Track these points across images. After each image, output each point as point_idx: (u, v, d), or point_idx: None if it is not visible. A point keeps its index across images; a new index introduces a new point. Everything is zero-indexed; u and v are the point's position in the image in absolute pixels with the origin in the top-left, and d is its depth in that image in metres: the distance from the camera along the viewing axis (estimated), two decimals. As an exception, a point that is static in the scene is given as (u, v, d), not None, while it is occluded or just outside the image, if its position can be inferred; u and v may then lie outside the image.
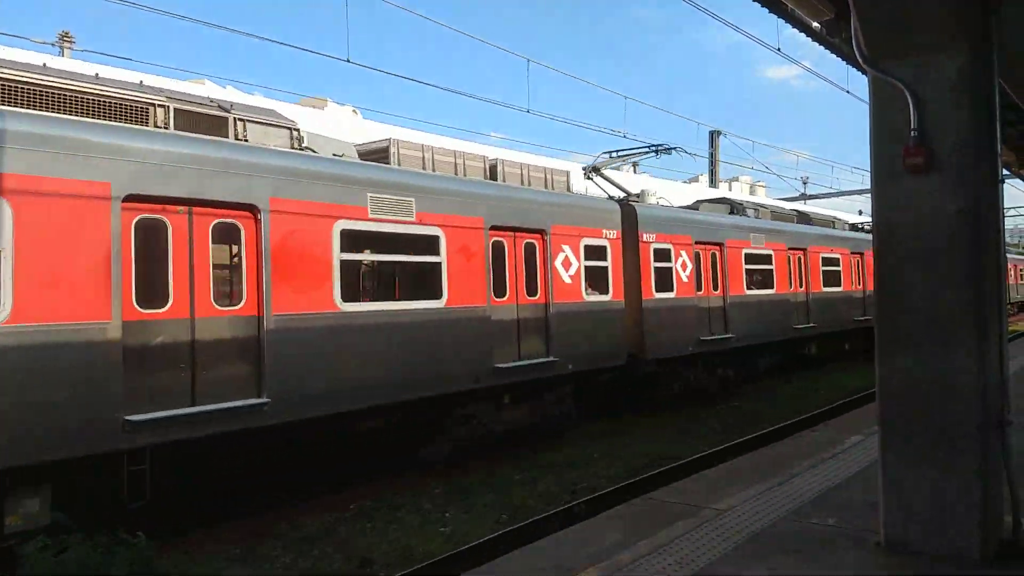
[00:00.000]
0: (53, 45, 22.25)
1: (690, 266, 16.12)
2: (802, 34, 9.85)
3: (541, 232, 12.62)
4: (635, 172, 37.58)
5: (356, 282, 10.30)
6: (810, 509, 6.77)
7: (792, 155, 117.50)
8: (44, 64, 9.89)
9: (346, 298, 9.50)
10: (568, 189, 14.56)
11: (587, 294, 13.46)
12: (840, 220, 26.63)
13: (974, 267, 5.30)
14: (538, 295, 12.55)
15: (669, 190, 26.49)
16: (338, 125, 24.21)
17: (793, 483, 7.70)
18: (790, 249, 20.10)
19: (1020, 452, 5.97)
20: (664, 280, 15.40)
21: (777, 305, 19.30)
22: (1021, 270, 45.59)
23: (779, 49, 15.38)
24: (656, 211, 16.12)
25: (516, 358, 11.98)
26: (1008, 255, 37.39)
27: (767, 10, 9.11)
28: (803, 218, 23.52)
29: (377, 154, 11.34)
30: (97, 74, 8.99)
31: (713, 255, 17.11)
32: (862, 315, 23.27)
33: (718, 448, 11.83)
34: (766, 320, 18.78)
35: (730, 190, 45.80)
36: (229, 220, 8.51)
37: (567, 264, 13.07)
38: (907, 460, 5.48)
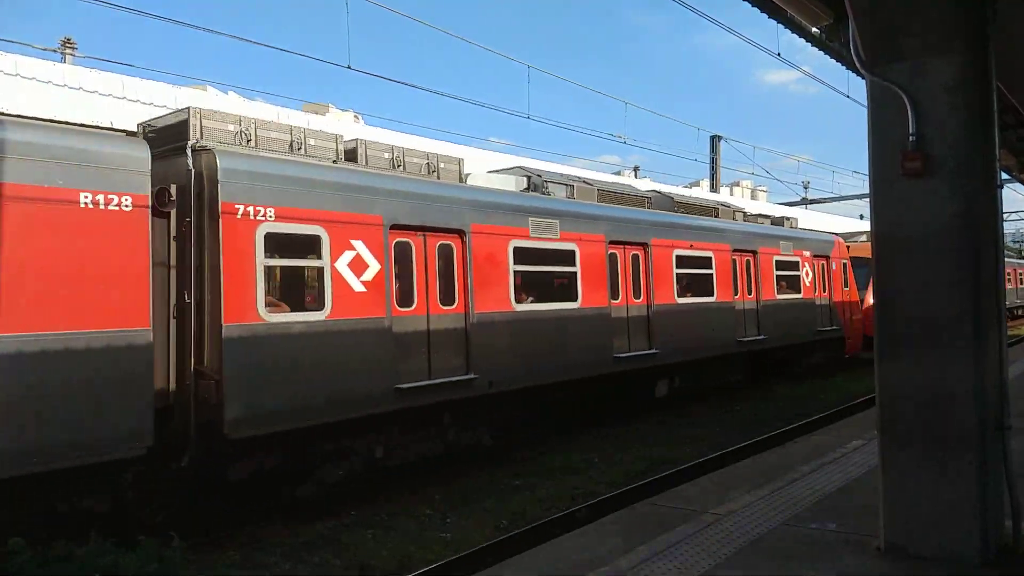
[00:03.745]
0: (55, 51, 22.32)
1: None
2: (801, 39, 9.88)
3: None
4: (636, 176, 37.61)
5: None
6: (810, 514, 6.77)
7: (793, 160, 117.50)
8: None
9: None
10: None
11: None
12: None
13: (972, 271, 5.30)
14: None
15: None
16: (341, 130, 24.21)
17: (793, 488, 7.70)
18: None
19: (1019, 456, 5.97)
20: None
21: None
22: (1021, 275, 45.54)
23: (779, 54, 15.42)
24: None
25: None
26: (1007, 260, 37.37)
27: (766, 15, 9.13)
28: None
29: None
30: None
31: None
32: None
33: (718, 453, 11.80)
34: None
35: (731, 195, 45.80)
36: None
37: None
38: (907, 465, 5.48)
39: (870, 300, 20.13)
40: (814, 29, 9.04)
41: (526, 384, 11.95)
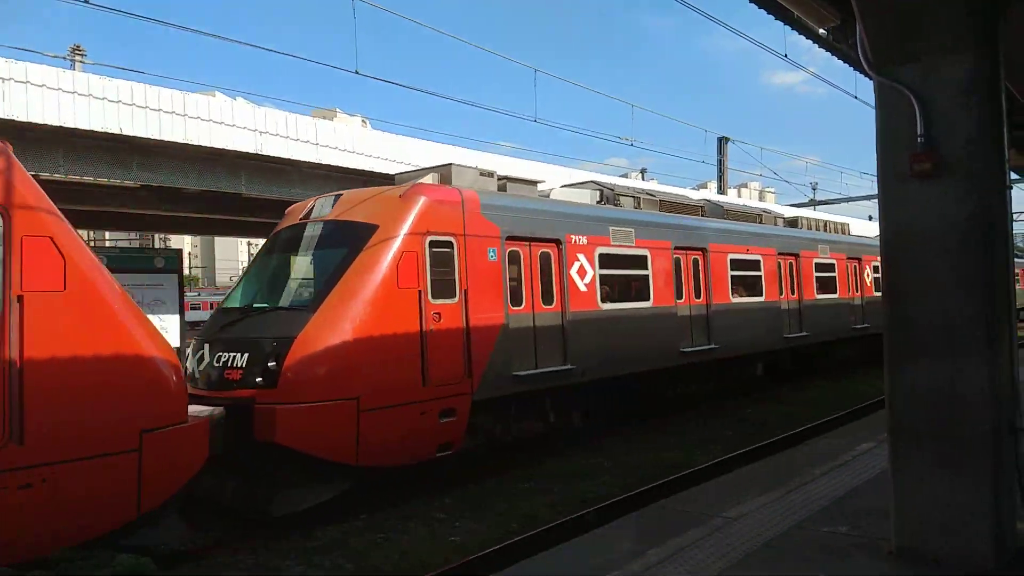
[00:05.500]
0: (65, 58, 22.47)
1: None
2: (808, 40, 9.86)
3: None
4: (643, 179, 37.58)
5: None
6: (822, 517, 6.75)
7: (801, 161, 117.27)
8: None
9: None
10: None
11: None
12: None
13: (982, 273, 5.28)
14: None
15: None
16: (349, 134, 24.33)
17: (804, 491, 7.67)
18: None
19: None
20: None
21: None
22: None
23: (786, 55, 15.39)
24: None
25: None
26: (1017, 261, 37.05)
27: (773, 17, 9.13)
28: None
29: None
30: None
31: None
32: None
33: (729, 456, 11.77)
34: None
35: (739, 196, 45.72)
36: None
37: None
38: (918, 467, 5.45)
39: None
40: (821, 30, 9.04)
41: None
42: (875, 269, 23.29)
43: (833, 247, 22.00)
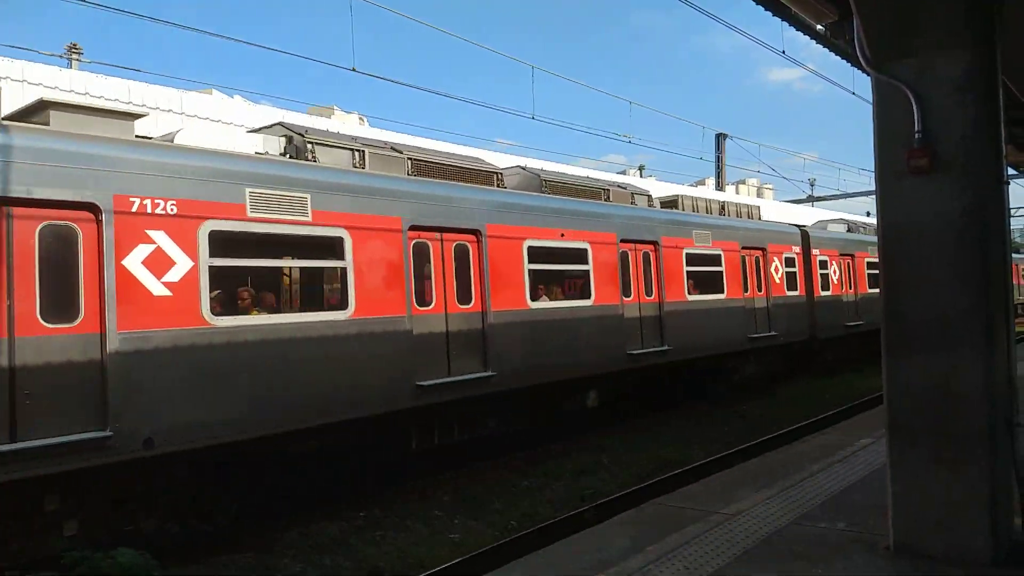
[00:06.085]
0: (61, 57, 22.40)
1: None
2: (806, 36, 9.85)
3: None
4: (641, 176, 37.57)
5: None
6: (819, 513, 6.76)
7: (799, 158, 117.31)
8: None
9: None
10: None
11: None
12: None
13: (979, 268, 5.28)
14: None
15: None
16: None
17: (802, 487, 7.68)
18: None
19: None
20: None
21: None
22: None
23: (783, 52, 15.43)
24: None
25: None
26: (1014, 256, 37.10)
27: (771, 13, 9.11)
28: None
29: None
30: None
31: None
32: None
33: (727, 452, 11.79)
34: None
35: (737, 192, 45.68)
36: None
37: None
38: (916, 463, 5.46)
39: None
40: (819, 27, 9.01)
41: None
42: (788, 262, 19.48)
43: (720, 234, 16.97)
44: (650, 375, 14.97)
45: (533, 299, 12.03)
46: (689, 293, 15.64)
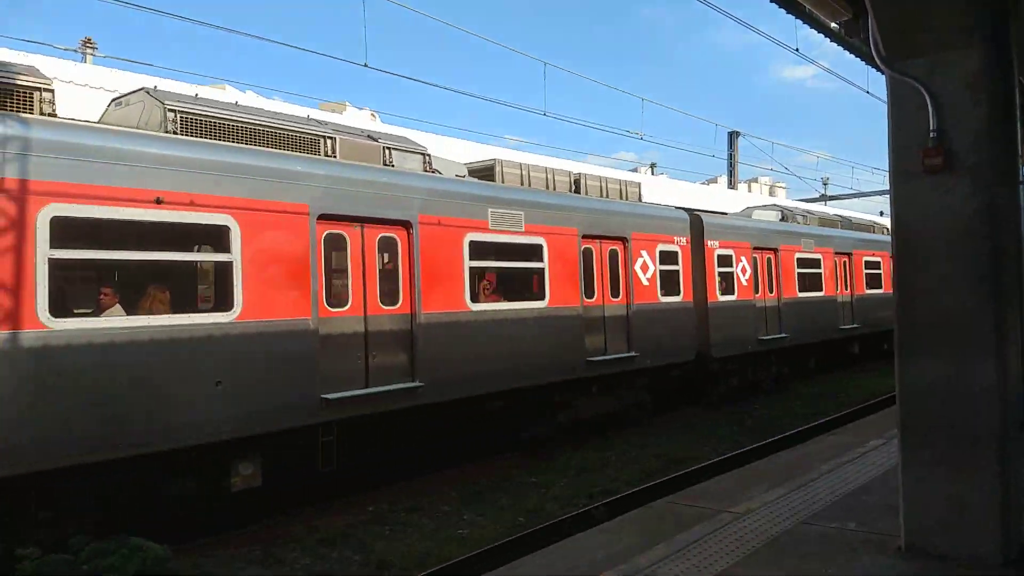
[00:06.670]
0: (76, 51, 22.53)
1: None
2: (819, 34, 9.78)
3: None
4: (652, 173, 37.48)
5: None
6: (830, 513, 6.72)
7: (812, 156, 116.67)
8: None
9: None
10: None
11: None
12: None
13: (993, 268, 5.24)
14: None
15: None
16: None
17: (812, 487, 7.64)
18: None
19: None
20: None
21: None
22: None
23: (797, 49, 15.34)
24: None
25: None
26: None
27: (784, 11, 9.06)
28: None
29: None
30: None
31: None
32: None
33: (737, 451, 11.75)
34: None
35: (749, 191, 45.51)
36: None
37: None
38: (927, 464, 5.42)
39: None
40: (833, 24, 8.95)
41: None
42: (664, 257, 14.61)
43: (542, 216, 12.13)
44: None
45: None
46: (475, 301, 11.02)
